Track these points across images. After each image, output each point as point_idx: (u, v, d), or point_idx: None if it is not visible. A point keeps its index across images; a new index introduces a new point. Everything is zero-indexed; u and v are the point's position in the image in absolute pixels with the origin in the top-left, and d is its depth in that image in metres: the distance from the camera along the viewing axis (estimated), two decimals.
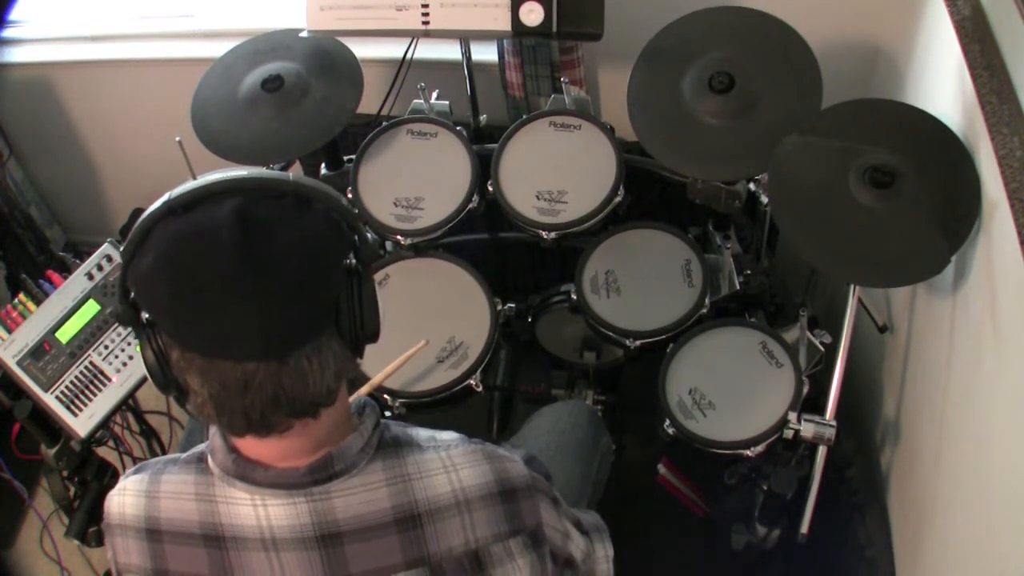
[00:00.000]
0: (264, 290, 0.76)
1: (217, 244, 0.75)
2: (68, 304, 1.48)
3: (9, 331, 1.45)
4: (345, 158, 1.75)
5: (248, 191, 0.79)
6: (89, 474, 1.55)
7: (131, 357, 1.48)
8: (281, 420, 0.81)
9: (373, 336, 0.86)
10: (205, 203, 0.78)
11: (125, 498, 0.92)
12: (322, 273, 0.81)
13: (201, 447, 0.91)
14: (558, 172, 1.59)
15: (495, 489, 0.90)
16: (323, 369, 0.81)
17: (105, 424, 1.47)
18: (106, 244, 1.53)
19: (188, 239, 0.76)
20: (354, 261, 0.84)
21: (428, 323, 1.55)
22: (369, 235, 0.86)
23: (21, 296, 1.48)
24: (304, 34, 1.61)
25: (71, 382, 1.45)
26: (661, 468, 1.74)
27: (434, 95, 1.76)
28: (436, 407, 1.54)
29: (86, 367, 1.46)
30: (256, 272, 0.75)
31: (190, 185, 0.79)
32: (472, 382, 1.51)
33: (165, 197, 0.79)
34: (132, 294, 0.81)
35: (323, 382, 0.81)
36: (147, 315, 0.80)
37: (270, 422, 0.81)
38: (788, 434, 1.37)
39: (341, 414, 0.89)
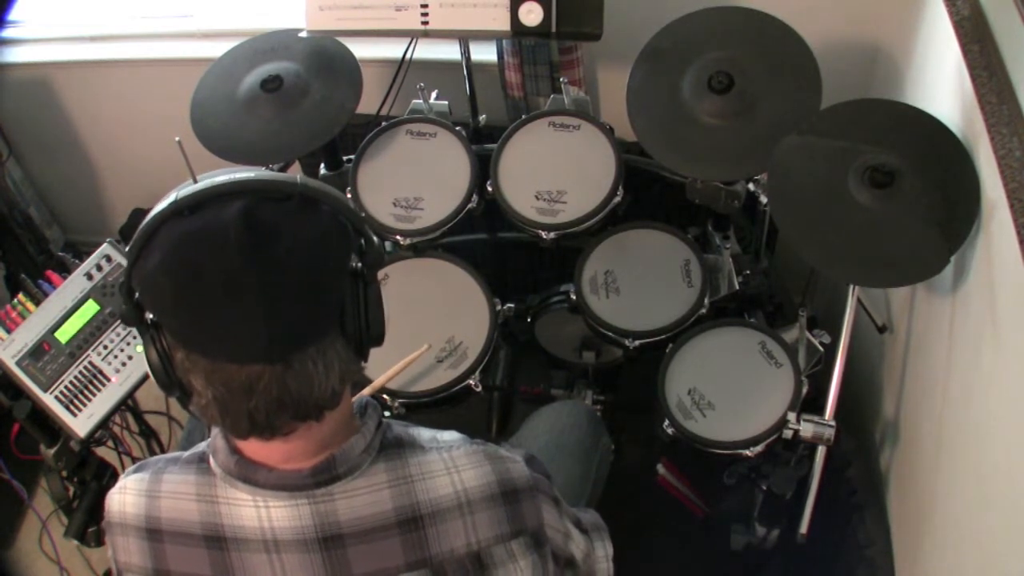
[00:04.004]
0: (269, 292, 0.75)
1: (223, 245, 0.75)
2: (67, 304, 1.47)
3: (8, 331, 1.44)
4: (344, 158, 1.75)
5: (255, 193, 0.78)
6: (88, 474, 1.55)
7: (130, 357, 1.48)
8: (285, 423, 0.81)
9: (378, 339, 0.86)
10: (212, 204, 0.77)
11: (126, 497, 0.92)
12: (327, 276, 0.80)
13: (202, 446, 0.91)
14: (557, 172, 1.59)
15: (497, 490, 0.90)
16: (328, 372, 0.81)
17: (104, 424, 1.46)
18: (105, 244, 1.52)
19: (194, 240, 0.76)
20: (359, 264, 0.84)
21: (427, 323, 1.55)
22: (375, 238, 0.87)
23: (20, 296, 1.47)
24: (303, 34, 1.61)
25: (70, 382, 1.44)
26: (660, 468, 1.74)
27: (433, 95, 1.75)
28: (435, 407, 1.54)
29: (85, 367, 1.46)
30: (262, 274, 0.75)
31: (197, 186, 0.78)
32: (471, 382, 1.51)
33: (172, 197, 0.78)
34: (136, 294, 0.80)
35: (328, 385, 0.81)
36: (151, 315, 0.80)
37: (274, 424, 0.81)
38: (787, 434, 1.37)
39: (344, 416, 0.89)
